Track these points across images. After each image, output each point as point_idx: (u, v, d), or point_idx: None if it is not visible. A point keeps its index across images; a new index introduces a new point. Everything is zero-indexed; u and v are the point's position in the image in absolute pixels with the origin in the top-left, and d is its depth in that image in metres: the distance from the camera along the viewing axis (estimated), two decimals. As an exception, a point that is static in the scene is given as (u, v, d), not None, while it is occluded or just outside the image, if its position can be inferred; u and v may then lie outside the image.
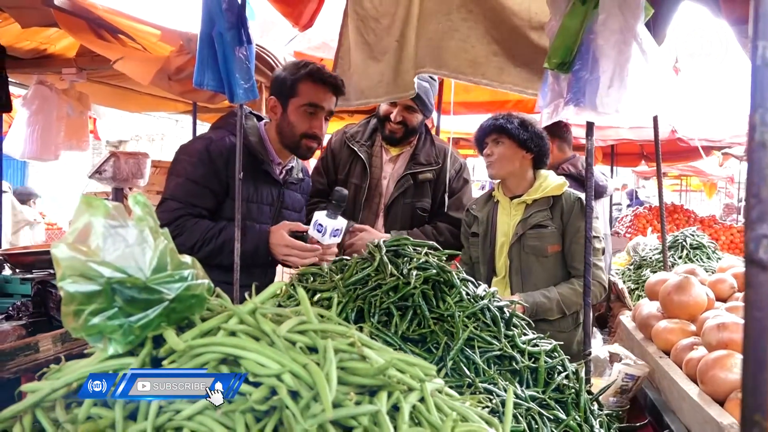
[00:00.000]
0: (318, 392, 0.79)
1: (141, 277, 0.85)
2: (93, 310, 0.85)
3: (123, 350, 0.87)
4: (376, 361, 0.90)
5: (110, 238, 0.85)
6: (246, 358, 0.83)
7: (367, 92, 3.04)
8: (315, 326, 0.92)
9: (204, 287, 0.95)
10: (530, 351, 1.77)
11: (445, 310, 1.74)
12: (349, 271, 1.84)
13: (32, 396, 0.82)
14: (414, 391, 0.93)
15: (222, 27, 2.21)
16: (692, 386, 1.79)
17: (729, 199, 16.77)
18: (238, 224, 2.37)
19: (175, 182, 2.38)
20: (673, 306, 2.17)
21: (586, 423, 1.69)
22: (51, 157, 4.17)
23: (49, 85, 4.09)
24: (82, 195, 0.87)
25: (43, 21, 3.04)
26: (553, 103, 2.04)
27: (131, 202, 0.94)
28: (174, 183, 2.39)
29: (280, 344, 0.86)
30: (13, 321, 2.61)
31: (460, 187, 3.14)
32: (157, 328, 0.88)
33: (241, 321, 0.89)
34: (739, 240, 7.37)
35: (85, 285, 0.85)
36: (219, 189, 2.38)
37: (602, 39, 1.90)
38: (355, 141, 3.09)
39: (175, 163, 2.43)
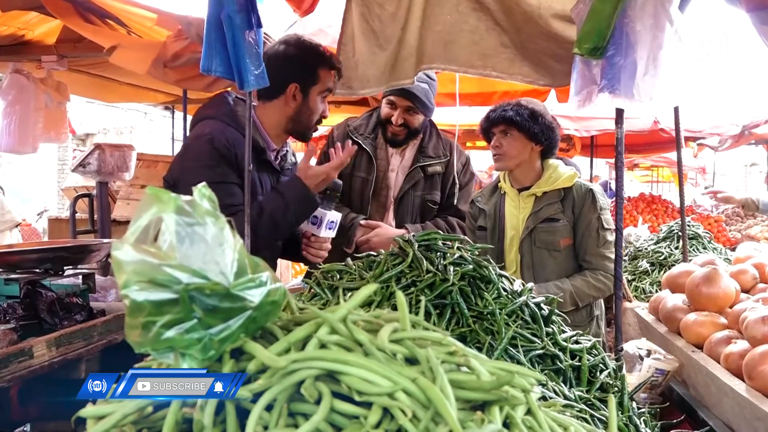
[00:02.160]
0: (439, 411, 0.69)
1: (224, 282, 0.74)
2: (167, 322, 0.73)
3: (198, 366, 0.75)
4: (480, 372, 0.81)
5: (187, 237, 0.73)
6: (350, 374, 0.72)
7: (373, 81, 2.94)
8: (411, 334, 0.82)
9: (281, 292, 0.84)
10: (572, 349, 1.69)
11: (484, 308, 1.66)
12: (379, 268, 1.74)
13: (102, 423, 0.70)
14: (521, 404, 0.83)
15: (231, 9, 2.08)
16: (736, 381, 1.73)
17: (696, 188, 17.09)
18: (248, 219, 2.24)
19: (219, 191, 2.22)
20: (702, 298, 2.12)
21: (630, 423, 1.63)
22: (29, 150, 3.95)
23: (26, 74, 3.87)
24: (149, 187, 0.75)
25: (26, 4, 2.85)
26: (585, 90, 1.97)
27: (197, 195, 0.82)
28: (219, 191, 2.22)
29: (380, 356, 0.76)
30: (1, 324, 2.43)
31: (467, 180, 3.14)
32: (237, 341, 0.77)
33: (333, 330, 0.78)
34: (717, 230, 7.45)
35: (157, 293, 0.73)
36: (240, 181, 2.23)
37: (640, 23, 1.83)
38: (359, 134, 3.03)
39: (183, 174, 2.25)
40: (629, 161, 13.66)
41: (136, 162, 4.03)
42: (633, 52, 1.86)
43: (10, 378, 2.14)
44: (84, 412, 0.75)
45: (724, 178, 22.05)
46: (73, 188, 4.62)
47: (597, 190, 2.74)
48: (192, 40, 2.79)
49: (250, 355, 0.77)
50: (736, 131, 7.70)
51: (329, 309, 0.82)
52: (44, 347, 2.32)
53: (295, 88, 2.31)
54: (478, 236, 2.96)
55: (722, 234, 7.23)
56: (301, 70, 2.32)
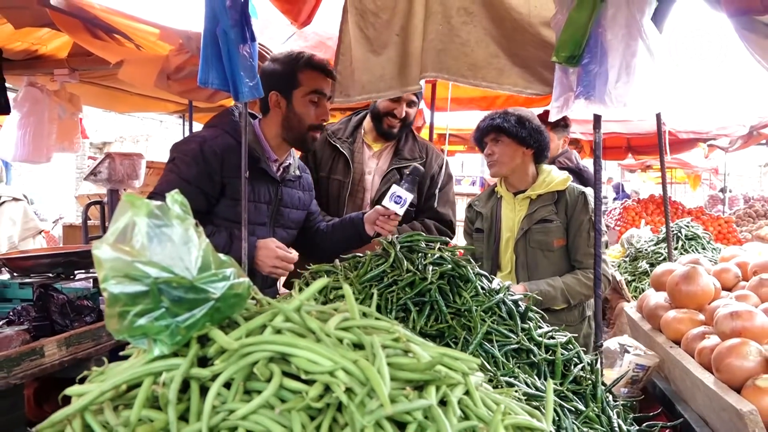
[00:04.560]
0: (373, 388, 0.79)
1: (188, 276, 0.84)
2: (139, 311, 0.84)
3: (169, 351, 0.86)
4: (421, 356, 0.90)
5: (156, 237, 0.84)
6: (297, 356, 0.82)
7: (368, 87, 3.02)
8: (359, 323, 0.92)
9: (245, 286, 0.94)
10: (546, 344, 1.78)
11: (462, 305, 1.75)
12: (364, 268, 1.84)
13: (81, 399, 0.81)
14: (458, 385, 0.92)
15: (226, 24, 2.19)
16: (707, 375, 1.81)
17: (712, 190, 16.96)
18: (245, 224, 2.35)
19: (167, 179, 2.36)
20: (681, 296, 2.19)
21: (603, 414, 1.71)
22: (43, 160, 4.11)
23: (40, 87, 4.03)
24: (124, 194, 0.85)
25: (37, 21, 3.00)
26: (563, 96, 2.05)
27: (169, 201, 0.92)
28: (165, 179, 2.36)
29: (328, 341, 0.86)
30: (15, 326, 2.57)
31: (445, 182, 3.16)
32: (202, 328, 0.88)
33: (287, 319, 0.89)
34: (728, 231, 7.43)
35: (131, 286, 0.83)
36: (211, 190, 2.36)
37: (611, 33, 1.91)
38: (337, 138, 3.10)
39: (169, 161, 2.41)
40: (641, 163, 13.61)
41: (145, 169, 4.18)
42: (606, 60, 1.94)
43: (22, 375, 2.27)
44: (69, 390, 0.86)
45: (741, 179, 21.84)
46: (86, 196, 4.77)
47: (589, 193, 2.83)
48: (193, 54, 2.91)
49: (214, 342, 0.87)
50: (744, 131, 7.70)
51: (286, 300, 0.92)
52: (55, 347, 2.45)
53: (276, 96, 2.45)
54: (475, 238, 3.05)
55: (732, 235, 7.21)
56: (279, 78, 2.45)
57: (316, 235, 2.72)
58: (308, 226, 2.72)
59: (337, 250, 2.54)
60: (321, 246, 2.69)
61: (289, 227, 2.59)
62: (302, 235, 2.71)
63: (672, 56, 2.24)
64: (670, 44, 2.33)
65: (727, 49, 5.09)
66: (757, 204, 9.50)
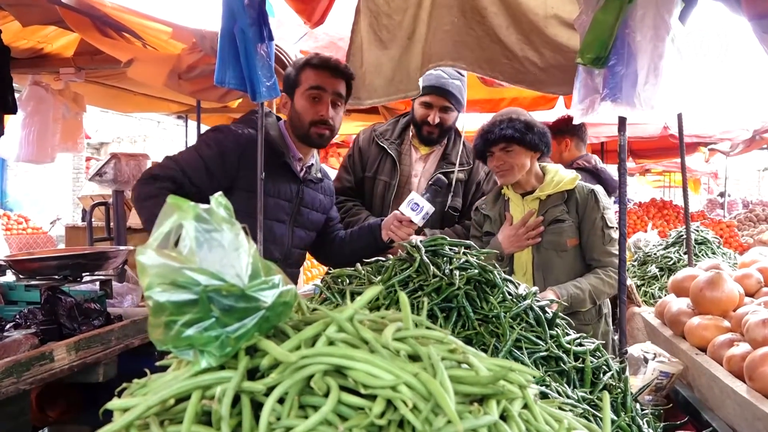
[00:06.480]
0: (438, 403, 0.74)
1: (239, 284, 0.80)
2: (187, 321, 0.79)
3: (216, 363, 0.81)
4: (479, 368, 0.86)
5: (205, 242, 0.79)
6: (356, 369, 0.77)
7: (380, 91, 3.00)
8: (413, 333, 0.88)
9: (293, 294, 0.89)
10: (575, 351, 1.74)
11: (489, 311, 1.71)
12: (388, 273, 1.79)
13: (127, 414, 0.76)
14: (517, 398, 0.88)
15: (244, 23, 2.16)
16: (738, 383, 1.77)
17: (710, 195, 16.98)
18: (260, 225, 2.32)
19: (185, 152, 2.51)
20: (706, 302, 2.16)
21: (633, 423, 1.67)
22: (47, 160, 4.05)
23: (45, 86, 3.97)
24: (170, 197, 0.81)
25: (45, 19, 2.95)
26: (588, 98, 2.02)
27: (214, 203, 0.88)
28: (184, 152, 2.52)
29: (384, 353, 0.81)
30: (22, 329, 2.51)
31: (490, 188, 3.16)
32: (252, 339, 0.83)
33: (340, 329, 0.84)
34: (729, 235, 7.42)
35: (178, 294, 0.79)
36: (221, 175, 2.39)
37: (640, 34, 1.88)
38: (385, 138, 3.10)
39: (196, 141, 2.58)
40: (640, 167, 13.61)
41: (151, 171, 4.11)
42: (634, 62, 1.91)
43: (32, 380, 2.21)
44: (111, 404, 0.81)
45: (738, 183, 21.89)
46: (89, 197, 4.71)
47: (599, 190, 2.80)
48: (206, 53, 2.87)
49: (263, 352, 0.82)
50: (747, 136, 7.69)
51: (337, 309, 0.88)
52: (64, 351, 2.40)
53: (285, 97, 2.52)
54: (485, 242, 3.01)
55: (734, 239, 7.20)
56: (286, 80, 2.53)
57: (335, 242, 2.72)
58: (327, 231, 2.72)
59: (354, 258, 2.53)
60: (339, 253, 2.69)
61: (308, 228, 2.60)
62: (321, 241, 2.71)
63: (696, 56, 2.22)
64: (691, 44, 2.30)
65: (726, 50, 5.07)
66: (757, 208, 9.49)
